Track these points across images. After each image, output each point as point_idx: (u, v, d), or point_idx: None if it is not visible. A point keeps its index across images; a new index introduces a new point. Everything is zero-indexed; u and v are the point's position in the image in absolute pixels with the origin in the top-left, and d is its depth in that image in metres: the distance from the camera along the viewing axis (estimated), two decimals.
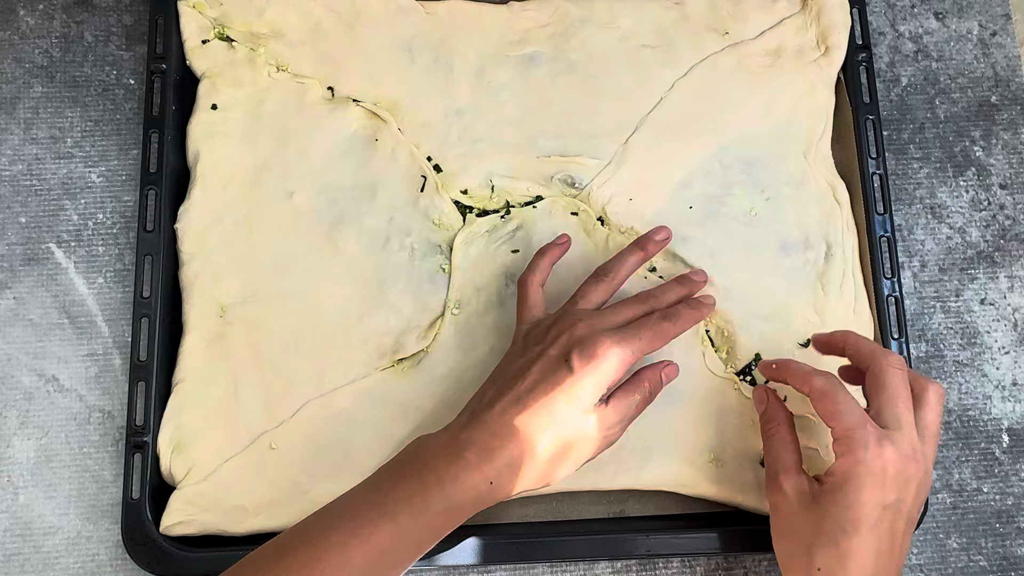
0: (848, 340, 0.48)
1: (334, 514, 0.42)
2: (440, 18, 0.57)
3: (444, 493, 0.41)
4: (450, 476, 0.42)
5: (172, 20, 0.55)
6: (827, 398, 0.45)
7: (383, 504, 0.41)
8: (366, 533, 0.40)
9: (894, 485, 0.42)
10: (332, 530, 0.40)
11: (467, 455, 0.42)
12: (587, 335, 0.45)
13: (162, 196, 0.53)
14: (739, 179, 0.55)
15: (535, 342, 0.46)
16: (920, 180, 0.59)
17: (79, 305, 0.55)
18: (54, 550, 0.52)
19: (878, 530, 0.42)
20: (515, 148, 0.55)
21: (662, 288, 0.50)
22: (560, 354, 0.44)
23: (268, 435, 0.50)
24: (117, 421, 0.53)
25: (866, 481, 0.42)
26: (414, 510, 0.41)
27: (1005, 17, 0.62)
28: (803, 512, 0.44)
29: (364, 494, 0.42)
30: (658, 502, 0.52)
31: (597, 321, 0.46)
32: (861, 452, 0.42)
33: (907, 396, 0.45)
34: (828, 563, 0.42)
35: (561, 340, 0.45)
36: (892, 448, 0.43)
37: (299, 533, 0.41)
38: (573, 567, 0.53)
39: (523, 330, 0.48)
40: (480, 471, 0.42)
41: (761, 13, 0.58)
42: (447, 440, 0.43)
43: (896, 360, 0.45)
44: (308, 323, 0.52)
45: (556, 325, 0.46)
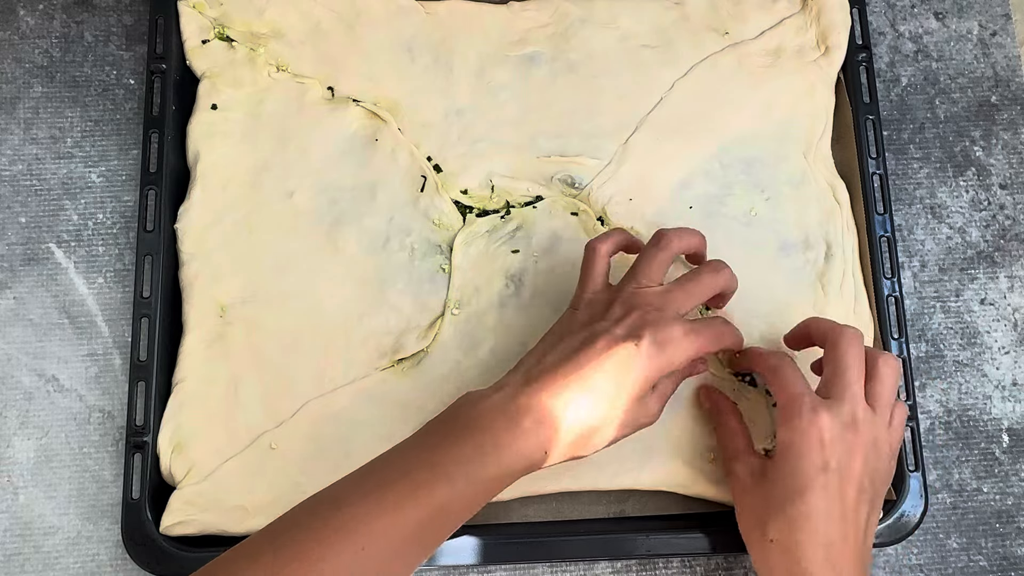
0: (810, 325, 0.49)
1: (389, 471, 0.41)
2: (440, 18, 0.57)
3: (500, 459, 0.41)
4: (506, 442, 0.41)
5: (172, 20, 0.55)
6: (775, 371, 0.46)
7: (439, 466, 0.40)
8: (422, 494, 0.39)
9: (832, 451, 0.43)
10: (387, 489, 0.39)
11: (525, 422, 0.41)
12: (659, 320, 0.44)
13: (162, 196, 0.53)
14: (739, 179, 0.55)
15: (600, 316, 0.45)
16: (920, 180, 0.59)
17: (79, 305, 0.55)
18: (54, 550, 0.52)
19: (824, 495, 0.43)
20: (515, 148, 0.55)
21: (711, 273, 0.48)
22: (629, 334, 0.43)
23: (268, 435, 0.50)
24: (117, 421, 0.53)
25: (803, 448, 0.43)
26: (469, 475, 0.40)
27: (1005, 17, 0.62)
28: (755, 488, 0.46)
29: (417, 454, 0.41)
30: (658, 502, 0.52)
31: (667, 306, 0.45)
32: (796, 420, 0.44)
33: (857, 367, 0.45)
34: (779, 533, 0.43)
35: (632, 320, 0.44)
36: (828, 415, 0.44)
37: (349, 490, 0.40)
38: (573, 567, 0.53)
39: (585, 299, 0.47)
40: (537, 439, 0.41)
41: (761, 13, 0.58)
42: (503, 402, 0.42)
43: (851, 334, 0.46)
44: (308, 323, 0.52)
45: (623, 302, 0.45)
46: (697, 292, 0.46)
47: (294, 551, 0.38)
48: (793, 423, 0.44)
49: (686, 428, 0.51)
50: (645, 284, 0.46)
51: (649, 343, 0.43)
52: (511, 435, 0.41)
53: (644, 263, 0.47)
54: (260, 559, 0.38)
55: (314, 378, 0.51)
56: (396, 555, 0.39)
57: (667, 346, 0.43)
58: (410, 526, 0.39)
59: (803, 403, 0.44)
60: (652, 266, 0.47)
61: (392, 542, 0.39)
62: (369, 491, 0.40)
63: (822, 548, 0.42)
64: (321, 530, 0.38)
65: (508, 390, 0.43)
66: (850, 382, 0.45)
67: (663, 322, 0.44)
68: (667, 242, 0.47)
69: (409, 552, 0.40)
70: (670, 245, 0.47)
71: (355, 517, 0.39)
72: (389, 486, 0.40)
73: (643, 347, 0.43)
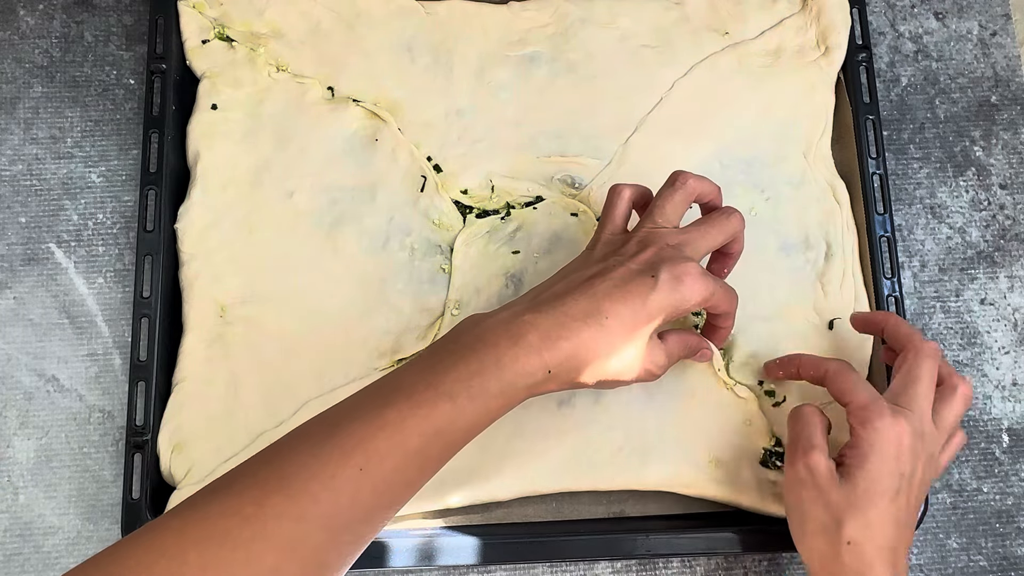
0: (889, 321, 0.49)
1: (387, 391, 0.39)
2: (440, 18, 0.57)
3: (502, 375, 0.39)
4: (510, 357, 0.40)
5: (172, 20, 0.55)
6: (840, 376, 0.46)
7: (440, 384, 0.39)
8: (423, 413, 0.38)
9: (909, 457, 0.43)
10: (388, 407, 0.38)
11: (529, 337, 0.40)
12: (677, 257, 0.43)
13: (162, 196, 0.53)
14: (739, 179, 0.55)
15: (615, 252, 0.45)
16: (920, 180, 0.59)
17: (79, 305, 0.55)
18: (54, 550, 0.52)
19: (897, 501, 0.43)
20: (515, 148, 0.55)
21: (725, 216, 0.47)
22: (645, 268, 0.43)
23: (268, 435, 0.50)
24: (117, 421, 0.53)
25: (886, 451, 0.43)
26: (471, 392, 0.39)
27: (1005, 17, 0.62)
28: (830, 489, 0.43)
29: (418, 373, 0.40)
30: (658, 502, 0.52)
31: (685, 246, 0.45)
32: (878, 422, 0.43)
33: (929, 384, 0.45)
34: (857, 535, 0.42)
35: (648, 255, 0.44)
36: (907, 424, 0.43)
37: (349, 410, 0.39)
38: (573, 567, 0.53)
39: (603, 237, 0.46)
40: (540, 357, 0.40)
41: (761, 13, 0.58)
42: (508, 318, 0.41)
43: (930, 348, 0.46)
44: (308, 323, 0.52)
45: (640, 240, 0.45)
46: (712, 234, 0.46)
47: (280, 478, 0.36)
48: (875, 424, 0.43)
49: (686, 428, 0.51)
50: (661, 224, 0.46)
51: (667, 277, 0.42)
52: (514, 351, 0.40)
53: (661, 203, 0.46)
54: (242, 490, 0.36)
55: (314, 378, 0.51)
56: (397, 476, 0.38)
57: (683, 281, 0.42)
58: (411, 445, 0.38)
59: (883, 406, 0.44)
60: (668, 206, 0.46)
61: (393, 462, 0.37)
62: (367, 411, 0.38)
63: (890, 552, 0.42)
64: (313, 452, 0.37)
65: (515, 308, 0.42)
66: (920, 395, 0.45)
67: (680, 259, 0.43)
68: (683, 182, 0.46)
69: (410, 473, 0.39)
70: (686, 185, 0.46)
71: (352, 436, 0.37)
72: (389, 405, 0.38)
73: (660, 280, 0.42)
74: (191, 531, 0.35)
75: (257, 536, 0.35)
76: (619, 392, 0.51)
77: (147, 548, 0.35)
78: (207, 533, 0.35)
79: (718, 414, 0.51)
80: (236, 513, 0.35)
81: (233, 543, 0.35)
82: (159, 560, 0.34)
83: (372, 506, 0.38)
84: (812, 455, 0.44)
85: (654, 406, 0.51)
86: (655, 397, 0.51)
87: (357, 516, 0.37)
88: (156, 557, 0.34)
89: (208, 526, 0.35)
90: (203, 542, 0.34)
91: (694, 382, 0.52)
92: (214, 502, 0.36)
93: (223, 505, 0.36)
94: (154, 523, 0.36)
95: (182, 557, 0.34)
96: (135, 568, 0.34)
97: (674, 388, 0.51)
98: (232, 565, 0.34)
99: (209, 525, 0.35)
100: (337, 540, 0.37)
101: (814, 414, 0.46)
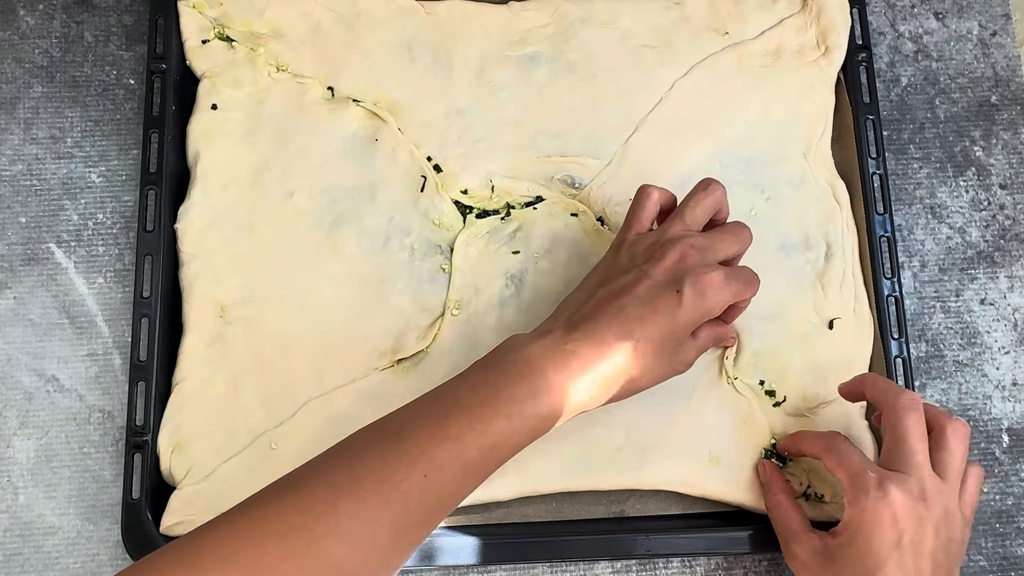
0: (866, 382, 0.48)
1: (445, 406, 0.41)
2: (440, 18, 0.57)
3: (552, 401, 0.41)
4: (557, 385, 0.42)
5: (172, 20, 0.55)
6: (830, 451, 0.46)
7: (497, 403, 0.41)
8: (482, 428, 0.40)
9: (905, 526, 0.42)
10: (448, 421, 0.40)
11: (573, 367, 0.42)
12: (699, 266, 0.44)
13: (162, 196, 0.53)
14: (739, 179, 0.55)
15: (642, 259, 0.45)
16: (920, 180, 0.59)
17: (79, 305, 0.55)
18: (54, 550, 0.52)
19: (898, 572, 0.42)
20: (515, 148, 0.55)
21: (742, 225, 0.48)
22: (670, 280, 0.43)
23: (268, 435, 0.50)
24: (117, 421, 0.53)
25: (873, 527, 0.42)
26: (525, 413, 0.41)
27: (1005, 17, 0.62)
28: (821, 571, 0.44)
29: (472, 391, 0.42)
30: (658, 502, 0.52)
31: (707, 252, 0.45)
32: (863, 499, 0.43)
33: (919, 435, 0.44)
34: None
35: (671, 262, 0.44)
36: (896, 490, 0.42)
37: (411, 420, 0.41)
38: (573, 567, 0.53)
39: (628, 238, 0.47)
40: (584, 383, 0.42)
41: (761, 13, 0.58)
42: (552, 346, 0.43)
43: (908, 400, 0.45)
44: (308, 323, 0.52)
45: (664, 243, 0.45)
46: (730, 241, 0.46)
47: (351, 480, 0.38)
48: (860, 502, 0.43)
49: (686, 428, 0.51)
50: (689, 225, 0.46)
51: (691, 291, 0.43)
52: (561, 379, 0.42)
53: (692, 204, 0.47)
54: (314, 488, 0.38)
55: (314, 378, 0.51)
56: (455, 483, 0.40)
57: (707, 292, 0.43)
58: (470, 456, 0.40)
59: (868, 479, 0.43)
60: (698, 209, 0.47)
61: (453, 470, 0.40)
62: (429, 422, 0.41)
63: None
64: (382, 457, 0.39)
65: (555, 335, 0.43)
66: (913, 451, 0.44)
67: (703, 268, 0.44)
68: (715, 188, 0.47)
69: (467, 481, 0.41)
70: (717, 192, 0.47)
71: (417, 444, 0.40)
72: (450, 418, 0.40)
73: (684, 295, 0.43)
74: (270, 524, 0.37)
75: (331, 533, 0.37)
76: None
77: (228, 538, 0.36)
78: (286, 526, 0.37)
79: (718, 414, 0.51)
80: (310, 510, 0.37)
81: (309, 537, 0.36)
82: (241, 549, 0.36)
83: (432, 510, 0.40)
84: (790, 545, 0.46)
85: (654, 406, 0.51)
86: (655, 397, 0.51)
87: (419, 519, 0.40)
88: (238, 546, 0.36)
89: (287, 520, 0.37)
90: (282, 534, 0.36)
91: (694, 382, 0.52)
92: (290, 498, 0.38)
93: (298, 501, 0.38)
94: (229, 515, 0.38)
95: (263, 547, 0.36)
96: (218, 556, 0.36)
97: (674, 388, 0.51)
98: (306, 558, 0.36)
99: (288, 519, 0.37)
100: (400, 540, 0.39)
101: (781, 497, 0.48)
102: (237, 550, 0.36)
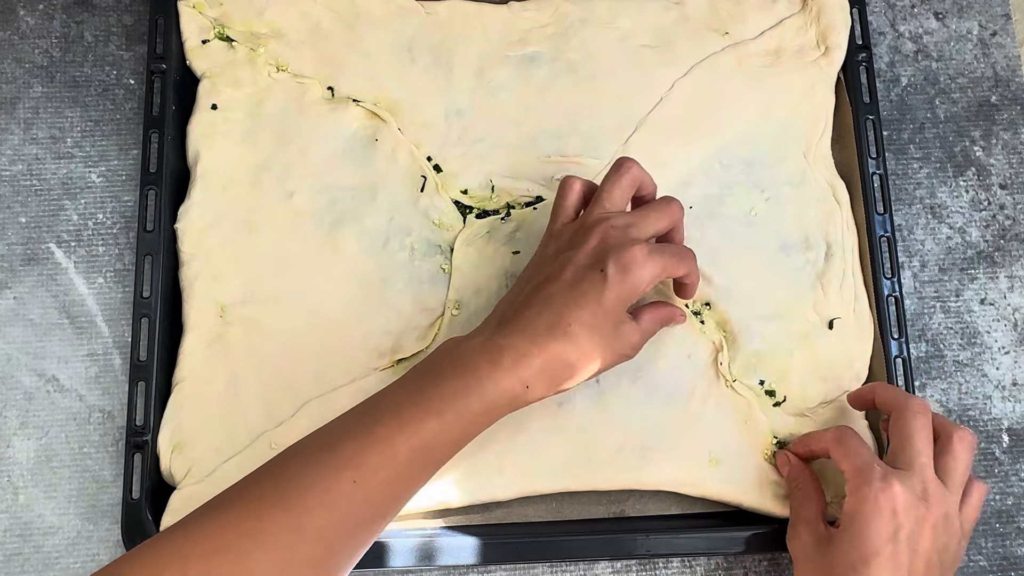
0: (876, 391, 0.49)
1: (376, 411, 0.42)
2: (440, 18, 0.57)
3: (483, 395, 0.42)
4: (490, 379, 0.42)
5: (172, 20, 0.55)
6: (839, 443, 0.46)
7: (427, 402, 0.41)
8: (411, 429, 0.40)
9: (904, 520, 0.42)
10: (377, 425, 0.40)
11: (504, 361, 0.42)
12: (621, 243, 0.44)
13: (162, 196, 0.53)
14: (739, 179, 0.55)
15: (566, 246, 0.46)
16: (920, 180, 0.59)
17: (79, 305, 0.55)
18: (54, 550, 0.52)
19: (891, 565, 0.42)
20: (515, 148, 0.55)
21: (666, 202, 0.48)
22: (593, 261, 0.44)
23: (268, 435, 0.50)
24: (117, 421, 0.53)
25: (873, 516, 0.42)
26: (457, 409, 0.41)
27: (1005, 17, 0.62)
28: (819, 556, 0.45)
29: (404, 393, 0.42)
30: (658, 502, 0.52)
31: (630, 229, 0.45)
32: (866, 488, 0.43)
33: (925, 438, 0.45)
34: None
35: (593, 246, 0.44)
36: (899, 484, 0.43)
37: (339, 429, 0.41)
38: (573, 567, 0.53)
39: (554, 229, 0.48)
40: (516, 375, 0.42)
41: (761, 13, 0.58)
42: (483, 343, 0.43)
43: (917, 405, 0.46)
44: (308, 323, 0.52)
45: (586, 228, 0.45)
46: (654, 218, 0.47)
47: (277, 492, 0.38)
48: (863, 491, 0.43)
49: (686, 428, 0.51)
50: (609, 208, 0.47)
51: (614, 270, 0.43)
52: (494, 373, 0.42)
53: (608, 187, 0.47)
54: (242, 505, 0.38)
55: (314, 378, 0.51)
56: (387, 487, 0.40)
57: (631, 269, 0.43)
58: (401, 459, 0.40)
59: (873, 472, 0.43)
60: (615, 190, 0.47)
61: (384, 475, 0.40)
62: (358, 428, 0.41)
63: None
64: (308, 467, 0.39)
65: (486, 332, 0.44)
66: (918, 452, 0.44)
67: (625, 245, 0.44)
68: (628, 167, 0.47)
69: (399, 485, 0.41)
70: (631, 171, 0.47)
71: (345, 451, 0.40)
72: (379, 423, 0.41)
73: (608, 273, 0.43)
74: (193, 544, 0.36)
75: (257, 548, 0.36)
76: (619, 392, 0.51)
77: (149, 562, 0.36)
78: (209, 546, 0.36)
79: (718, 414, 0.51)
80: (236, 526, 0.37)
81: (234, 555, 0.36)
82: (164, 572, 0.35)
83: (365, 517, 0.40)
84: (799, 528, 0.47)
85: (654, 406, 0.51)
86: (655, 397, 0.51)
87: (351, 527, 0.39)
88: (160, 569, 0.35)
89: (211, 539, 0.36)
90: (205, 555, 0.36)
91: (694, 382, 0.52)
92: (216, 516, 0.38)
93: (224, 519, 0.37)
94: (156, 538, 0.37)
95: (184, 569, 0.35)
96: None
97: (674, 388, 0.51)
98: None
99: (212, 537, 0.36)
100: (332, 550, 0.39)
101: (809, 484, 0.48)
102: (159, 573, 0.35)
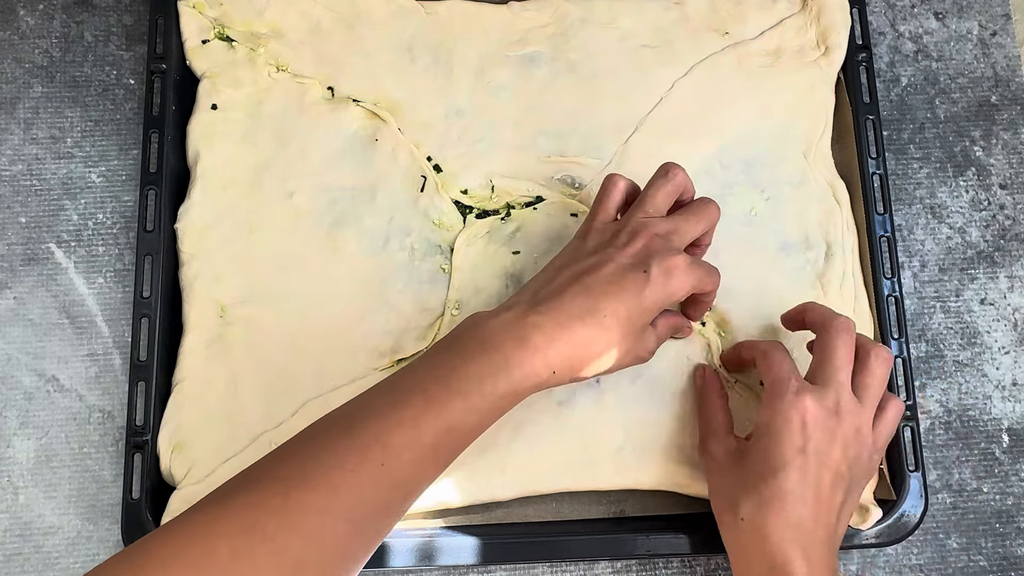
0: (806, 310, 0.49)
1: (401, 389, 0.41)
2: (440, 18, 0.57)
3: (511, 377, 0.41)
4: (517, 361, 0.41)
5: (172, 20, 0.55)
6: (765, 356, 0.47)
7: (453, 382, 0.40)
8: (436, 409, 0.40)
9: (812, 433, 0.43)
10: (402, 405, 0.40)
11: (535, 341, 0.41)
12: (665, 250, 0.44)
13: (162, 196, 0.53)
14: (739, 179, 0.55)
15: (607, 242, 0.46)
16: (920, 180, 0.59)
17: (79, 305, 0.55)
18: (54, 550, 0.52)
19: (797, 476, 0.43)
20: (515, 148, 0.55)
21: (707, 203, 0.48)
22: (636, 262, 0.44)
23: (268, 435, 0.50)
24: (117, 421, 0.53)
25: (783, 429, 0.43)
26: (483, 391, 0.40)
27: (1005, 17, 0.62)
28: (730, 469, 0.46)
29: (429, 372, 0.41)
30: (658, 502, 0.52)
31: (672, 237, 0.46)
32: (779, 402, 0.44)
33: (845, 356, 0.45)
34: (750, 512, 0.43)
35: (637, 248, 0.44)
36: (811, 399, 0.44)
37: (365, 407, 0.41)
38: (573, 567, 0.53)
39: (595, 226, 0.47)
40: (545, 358, 0.41)
41: (761, 13, 0.58)
42: (513, 321, 0.42)
43: (841, 323, 0.46)
44: (308, 323, 0.52)
45: (631, 231, 0.45)
46: (694, 222, 0.47)
47: (303, 472, 0.38)
48: (775, 404, 0.44)
49: (686, 428, 0.51)
50: (652, 213, 0.47)
51: (657, 272, 0.43)
52: (521, 354, 0.41)
53: (652, 192, 0.47)
54: (267, 484, 0.37)
55: (314, 378, 0.51)
56: (413, 469, 0.39)
57: (673, 274, 0.44)
58: (426, 440, 0.39)
59: (788, 386, 0.44)
60: (659, 196, 0.47)
61: (409, 456, 0.39)
62: (383, 408, 0.40)
63: (792, 528, 0.42)
64: (333, 448, 0.38)
65: (517, 309, 0.43)
66: (837, 369, 0.45)
67: (668, 251, 0.44)
68: (675, 173, 0.47)
69: (425, 466, 0.40)
70: (677, 176, 0.47)
71: (370, 431, 0.39)
72: (405, 403, 0.40)
73: (652, 275, 0.43)
74: (219, 523, 0.36)
75: (283, 528, 0.36)
76: (619, 392, 0.51)
77: (176, 541, 0.36)
78: (235, 525, 0.36)
79: None
80: (262, 505, 0.36)
81: (261, 534, 0.36)
82: (189, 551, 0.35)
83: (391, 498, 0.39)
84: (707, 441, 0.48)
85: (654, 406, 0.51)
86: (655, 397, 0.51)
87: (377, 508, 0.39)
88: (186, 547, 0.35)
89: (237, 518, 0.36)
90: (232, 534, 0.36)
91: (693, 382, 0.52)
92: (240, 495, 0.37)
93: (249, 498, 0.37)
94: (180, 517, 0.37)
95: (211, 547, 0.35)
96: (165, 560, 0.35)
97: (674, 388, 0.51)
98: (259, 556, 0.35)
99: (237, 517, 0.36)
100: (358, 531, 0.38)
101: (716, 397, 0.49)
102: (184, 551, 0.35)
